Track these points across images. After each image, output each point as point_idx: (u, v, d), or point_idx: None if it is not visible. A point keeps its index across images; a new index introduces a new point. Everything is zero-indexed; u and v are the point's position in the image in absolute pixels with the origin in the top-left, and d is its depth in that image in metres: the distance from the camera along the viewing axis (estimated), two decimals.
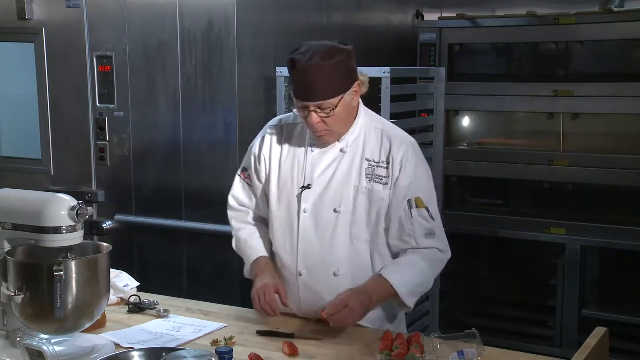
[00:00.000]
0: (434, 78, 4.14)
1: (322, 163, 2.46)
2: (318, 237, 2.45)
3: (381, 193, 2.42)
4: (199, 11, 3.77)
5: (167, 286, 2.64)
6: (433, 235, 2.45)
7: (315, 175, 2.45)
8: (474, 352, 2.11)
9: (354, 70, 2.39)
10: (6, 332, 2.23)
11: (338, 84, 2.33)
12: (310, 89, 2.31)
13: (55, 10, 4.15)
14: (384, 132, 2.48)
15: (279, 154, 2.53)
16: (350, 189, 2.43)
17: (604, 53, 4.45)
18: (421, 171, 2.48)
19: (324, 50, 2.30)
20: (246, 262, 2.62)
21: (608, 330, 2.17)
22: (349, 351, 2.25)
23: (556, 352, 4.18)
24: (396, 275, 2.39)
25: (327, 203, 2.44)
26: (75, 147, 4.20)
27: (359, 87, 2.41)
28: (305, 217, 2.45)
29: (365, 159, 2.44)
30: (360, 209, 2.43)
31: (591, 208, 4.47)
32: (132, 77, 3.99)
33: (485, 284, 5.06)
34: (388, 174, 2.43)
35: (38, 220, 2.13)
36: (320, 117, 2.34)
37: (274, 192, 2.52)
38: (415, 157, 2.47)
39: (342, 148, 2.46)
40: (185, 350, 1.89)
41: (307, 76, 2.29)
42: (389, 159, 2.43)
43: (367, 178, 2.43)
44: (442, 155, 4.17)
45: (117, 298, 2.70)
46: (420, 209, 2.43)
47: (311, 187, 2.45)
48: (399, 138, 2.49)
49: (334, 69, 2.29)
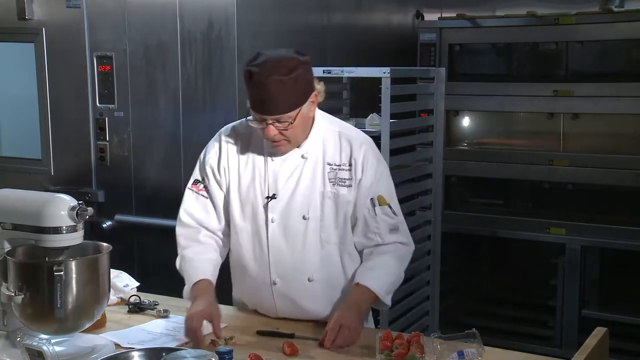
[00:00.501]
0: (434, 78, 4.13)
1: (284, 171, 2.44)
2: (289, 245, 2.45)
3: (346, 196, 2.43)
4: (199, 11, 3.77)
5: (167, 286, 2.63)
6: (397, 230, 2.49)
7: (279, 184, 2.44)
8: (474, 352, 2.11)
9: (311, 82, 2.38)
10: (6, 332, 2.22)
11: (296, 98, 2.31)
12: (268, 103, 2.27)
13: (55, 10, 4.15)
14: (341, 135, 2.48)
15: (237, 163, 2.49)
16: (317, 195, 2.43)
17: (604, 53, 4.45)
18: (381, 169, 2.49)
19: (283, 64, 2.27)
20: (187, 282, 2.48)
21: (608, 330, 2.17)
22: (349, 351, 2.25)
23: (556, 352, 4.19)
24: (373, 281, 2.40)
25: (295, 211, 2.43)
26: (75, 147, 4.20)
27: (316, 97, 2.40)
28: (274, 226, 2.44)
29: (327, 163, 2.44)
30: (328, 213, 2.44)
31: (591, 208, 4.48)
32: (132, 77, 3.99)
33: (485, 284, 5.06)
34: (351, 176, 2.43)
35: (38, 220, 2.13)
36: (277, 129, 2.33)
37: (236, 203, 2.48)
38: (374, 157, 2.48)
39: (302, 154, 2.44)
40: (185, 350, 1.89)
41: (266, 90, 2.25)
42: (350, 161, 2.44)
43: (330, 182, 2.43)
44: (442, 155, 4.16)
45: (117, 298, 2.70)
46: (383, 207, 2.46)
47: (277, 197, 2.44)
48: (358, 139, 2.48)
49: (292, 82, 2.27)
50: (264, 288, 2.50)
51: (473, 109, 4.76)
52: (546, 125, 4.51)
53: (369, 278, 2.42)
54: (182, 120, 3.88)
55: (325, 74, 3.72)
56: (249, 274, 2.52)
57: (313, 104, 2.39)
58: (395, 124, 3.72)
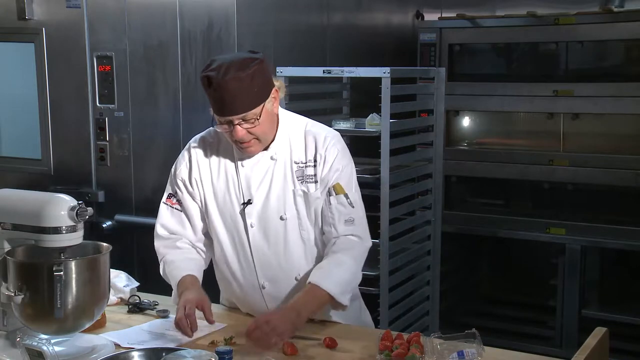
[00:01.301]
0: (434, 78, 4.13)
1: (256, 175, 2.45)
2: (271, 248, 2.45)
3: (315, 192, 2.44)
4: (199, 11, 3.77)
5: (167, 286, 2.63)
6: (352, 222, 2.46)
7: (253, 189, 2.44)
8: (474, 352, 2.10)
9: (270, 78, 2.39)
10: (6, 332, 2.22)
11: (257, 93, 2.32)
12: (231, 103, 2.29)
13: (55, 10, 4.15)
14: (307, 132, 2.48)
15: (208, 173, 2.50)
16: (290, 194, 2.44)
17: (604, 53, 4.45)
18: (344, 162, 2.48)
19: (238, 63, 2.29)
20: (173, 283, 2.48)
21: (608, 330, 2.17)
22: (349, 351, 2.25)
23: (556, 352, 4.18)
24: (326, 280, 2.37)
25: (272, 213, 2.44)
26: (75, 147, 4.20)
27: (277, 92, 2.41)
28: (254, 231, 2.45)
29: (294, 161, 2.45)
30: (302, 211, 2.45)
31: (591, 208, 4.48)
32: (132, 77, 3.99)
33: (485, 284, 5.06)
34: (316, 172, 2.44)
35: (38, 220, 2.13)
36: (245, 129, 2.33)
37: (214, 213, 2.49)
38: (336, 148, 2.47)
39: (271, 156, 2.45)
40: (185, 350, 1.89)
41: (226, 90, 2.27)
42: (316, 157, 2.45)
43: (299, 180, 2.44)
44: (442, 155, 4.16)
45: (117, 298, 2.70)
46: (339, 195, 2.45)
47: (252, 202, 2.44)
48: (322, 134, 2.48)
49: (250, 79, 2.28)
50: (254, 293, 2.51)
51: (473, 109, 4.76)
52: (546, 125, 4.51)
53: (320, 277, 2.38)
54: (182, 120, 3.88)
55: (325, 74, 3.72)
56: (237, 283, 2.53)
57: (275, 99, 2.40)
58: (395, 124, 3.72)
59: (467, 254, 4.87)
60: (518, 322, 4.69)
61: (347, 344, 2.30)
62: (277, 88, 2.41)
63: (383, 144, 3.59)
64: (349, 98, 4.33)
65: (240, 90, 2.27)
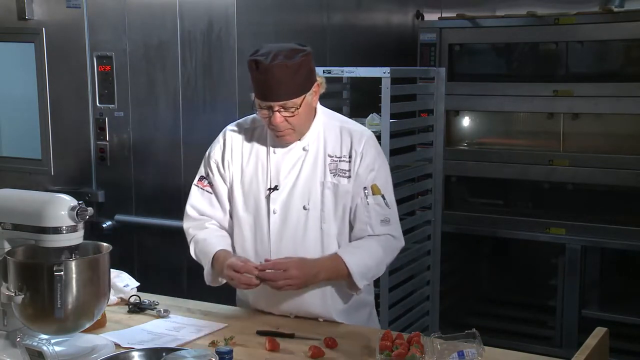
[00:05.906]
0: (434, 78, 4.13)
1: (286, 163, 2.49)
2: (290, 236, 2.48)
3: (346, 186, 2.47)
4: (199, 11, 3.77)
5: (167, 286, 2.64)
6: (388, 222, 2.50)
7: (281, 176, 2.48)
8: (474, 352, 2.10)
9: (314, 71, 2.44)
10: (6, 332, 2.22)
11: (301, 84, 2.37)
12: (274, 88, 2.33)
13: (55, 10, 4.15)
14: (342, 128, 2.52)
15: (240, 158, 2.54)
16: (317, 185, 2.47)
17: (604, 53, 4.45)
18: (379, 162, 2.53)
19: (286, 51, 2.34)
20: (206, 260, 2.51)
21: (608, 330, 2.17)
22: (349, 351, 2.25)
23: (556, 352, 4.18)
24: (351, 256, 2.43)
25: (296, 201, 2.47)
26: (75, 147, 4.20)
27: (318, 87, 2.45)
28: (275, 217, 2.48)
29: (328, 155, 2.49)
30: (327, 204, 2.47)
31: (591, 208, 4.48)
32: (132, 77, 3.99)
33: (485, 284, 5.06)
34: (350, 167, 2.47)
35: (38, 220, 2.13)
36: (283, 117, 2.37)
37: (239, 196, 2.53)
38: (373, 148, 2.51)
39: (304, 147, 2.49)
40: (185, 350, 1.89)
41: (272, 76, 2.31)
42: (351, 152, 2.48)
43: (331, 173, 2.47)
44: (442, 155, 4.16)
45: (117, 298, 2.70)
46: (376, 196, 2.49)
47: (279, 188, 2.47)
48: (358, 132, 2.52)
49: (296, 68, 2.33)
50: None
51: (473, 109, 4.76)
52: (546, 125, 4.51)
53: (347, 252, 2.44)
54: (182, 120, 3.88)
55: (325, 74, 3.72)
56: None
57: (316, 94, 2.45)
58: (395, 124, 3.73)
59: (467, 254, 4.87)
60: (518, 322, 4.70)
61: (347, 344, 2.30)
62: (319, 83, 2.45)
63: (383, 144, 3.59)
64: (349, 98, 4.33)
65: (285, 78, 2.32)
